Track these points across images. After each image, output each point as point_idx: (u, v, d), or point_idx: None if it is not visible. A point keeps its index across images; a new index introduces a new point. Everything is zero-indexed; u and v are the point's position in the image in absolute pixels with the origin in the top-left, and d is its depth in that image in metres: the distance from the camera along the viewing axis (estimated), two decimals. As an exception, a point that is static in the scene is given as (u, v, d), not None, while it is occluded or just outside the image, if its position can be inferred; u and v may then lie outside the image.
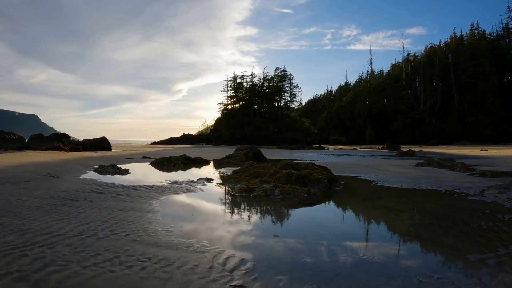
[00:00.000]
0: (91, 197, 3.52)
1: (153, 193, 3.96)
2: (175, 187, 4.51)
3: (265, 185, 4.23)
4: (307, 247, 2.11)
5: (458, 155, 17.53)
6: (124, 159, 9.43)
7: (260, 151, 11.02)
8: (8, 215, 2.59)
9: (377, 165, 8.68)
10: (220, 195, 4.06)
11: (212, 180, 5.23)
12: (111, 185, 4.43)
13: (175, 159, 8.23)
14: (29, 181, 4.44)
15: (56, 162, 7.35)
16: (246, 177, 4.97)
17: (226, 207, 3.41)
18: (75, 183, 4.50)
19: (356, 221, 3.01)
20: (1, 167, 5.97)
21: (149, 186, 4.50)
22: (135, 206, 3.21)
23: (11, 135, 11.04)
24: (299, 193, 3.90)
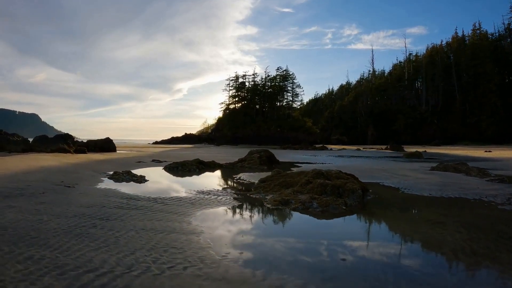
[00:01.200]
0: (121, 215, 3.16)
1: (184, 208, 3.60)
2: (204, 199, 4.16)
3: (300, 196, 4.02)
4: (385, 276, 1.87)
5: (464, 156, 17.35)
6: (134, 162, 9.05)
7: (273, 154, 10.69)
8: (36, 244, 2.22)
9: (393, 170, 8.39)
10: (256, 208, 3.78)
11: (238, 189, 4.94)
12: (135, 197, 4.06)
13: (189, 164, 7.88)
14: (44, 193, 4.06)
15: (66, 168, 6.96)
16: (275, 187, 4.73)
17: (269, 224, 3.16)
18: (95, 195, 4.12)
19: (411, 238, 2.76)
20: (10, 174, 5.58)
21: (176, 198, 4.15)
22: (174, 226, 2.86)
23: (14, 137, 10.60)
24: (337, 205, 3.72)
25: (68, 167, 7.13)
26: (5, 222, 2.70)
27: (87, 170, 6.78)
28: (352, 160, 13.63)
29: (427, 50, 56.31)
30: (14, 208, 3.18)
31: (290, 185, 4.70)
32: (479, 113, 45.45)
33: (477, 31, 52.33)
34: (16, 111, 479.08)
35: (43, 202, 3.51)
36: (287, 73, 49.54)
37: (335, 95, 69.19)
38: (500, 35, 51.67)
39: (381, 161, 13.40)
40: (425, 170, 8.30)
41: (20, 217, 2.88)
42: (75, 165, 7.51)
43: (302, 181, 4.58)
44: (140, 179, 5.70)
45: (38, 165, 7.20)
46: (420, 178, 6.44)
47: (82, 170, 6.68)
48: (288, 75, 49.26)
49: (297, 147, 31.37)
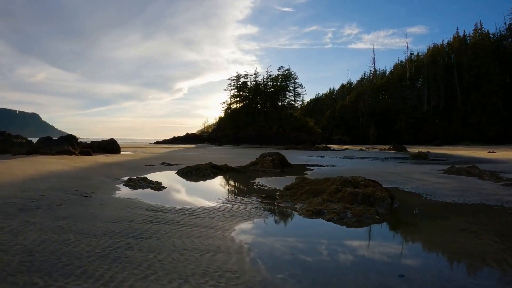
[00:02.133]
0: (154, 232, 2.87)
1: (219, 220, 3.35)
2: (234, 209, 3.92)
3: (331, 205, 3.90)
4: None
5: (469, 157, 17.25)
6: (144, 166, 8.74)
7: (284, 157, 10.41)
8: (72, 274, 1.92)
9: (406, 173, 8.22)
10: (291, 220, 3.60)
11: (262, 196, 4.75)
12: (160, 209, 3.78)
13: (203, 168, 7.59)
14: (61, 204, 3.76)
15: (76, 173, 6.65)
16: (303, 195, 4.57)
17: (310, 236, 3.00)
18: (117, 207, 3.83)
19: (453, 249, 2.70)
20: (19, 181, 5.27)
21: (204, 209, 3.87)
22: (217, 244, 2.61)
23: (18, 138, 10.26)
24: (370, 214, 3.64)
25: (78, 172, 6.82)
26: (29, 244, 2.40)
27: (99, 175, 6.48)
28: (361, 162, 13.39)
29: (428, 49, 56.28)
30: (34, 225, 2.88)
31: (317, 193, 4.55)
32: (480, 113, 45.43)
33: (478, 31, 52.30)
34: (16, 111, 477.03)
35: (64, 217, 3.22)
36: (289, 72, 49.33)
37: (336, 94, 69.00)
38: (502, 35, 51.68)
39: (390, 163, 13.19)
40: (438, 173, 8.17)
41: (44, 237, 2.59)
42: (85, 170, 7.20)
43: (331, 189, 4.44)
44: (157, 186, 5.41)
45: (46, 169, 6.89)
46: (437, 182, 6.34)
47: (94, 175, 6.37)
48: (290, 75, 49.02)
49: (300, 147, 31.16)
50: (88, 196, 4.28)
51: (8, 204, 3.62)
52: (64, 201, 3.96)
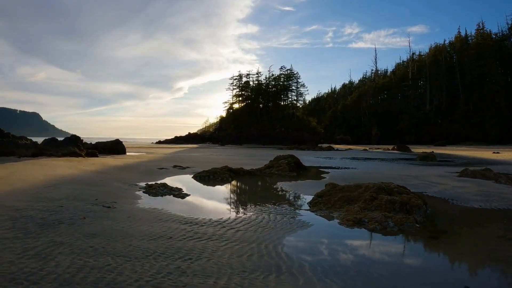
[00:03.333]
0: (200, 250, 2.52)
1: (262, 234, 3.11)
2: (272, 220, 3.65)
3: (369, 213, 3.76)
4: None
5: (476, 158, 17.08)
6: (156, 169, 8.37)
7: (299, 160, 10.10)
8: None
9: (422, 176, 8.02)
10: (335, 230, 3.39)
11: (292, 203, 4.59)
12: (195, 222, 3.42)
13: (221, 173, 7.25)
14: (85, 218, 3.40)
15: (89, 177, 6.27)
16: (337, 202, 4.40)
17: (363, 248, 2.88)
18: (147, 219, 3.46)
19: (506, 258, 2.63)
20: (31, 188, 4.89)
21: (241, 220, 3.59)
22: (275, 263, 2.36)
23: (23, 140, 9.85)
24: (410, 223, 3.53)
25: (91, 176, 6.44)
26: (63, 273, 2.03)
27: (113, 181, 6.11)
28: (372, 164, 13.07)
29: (430, 49, 56.08)
30: (63, 247, 2.52)
31: (351, 200, 4.35)
32: (483, 114, 45.35)
33: (480, 31, 52.15)
34: (17, 110, 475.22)
35: (94, 234, 2.86)
36: (291, 72, 48.89)
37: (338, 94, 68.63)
38: (504, 35, 51.58)
39: (400, 164, 12.90)
40: (453, 176, 8.03)
41: (79, 262, 2.22)
42: (97, 174, 6.82)
43: (365, 197, 4.23)
44: (180, 194, 5.06)
45: (57, 174, 6.51)
46: (457, 186, 6.20)
47: (108, 181, 6.00)
48: (292, 74, 48.58)
49: (303, 147, 30.88)
50: (111, 207, 3.92)
51: (26, 218, 3.25)
52: (87, 213, 3.60)
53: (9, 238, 2.63)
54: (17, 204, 3.81)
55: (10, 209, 3.56)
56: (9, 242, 2.54)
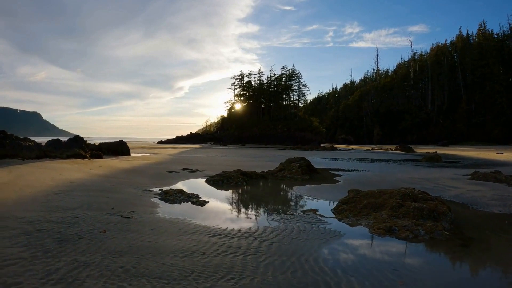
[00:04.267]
0: (241, 267, 2.29)
1: (297, 246, 2.88)
2: (301, 229, 3.47)
3: (399, 221, 3.70)
4: None
5: (481, 159, 16.92)
6: (166, 172, 8.08)
7: (310, 162, 9.84)
8: None
9: (434, 179, 7.90)
10: (368, 240, 3.26)
11: (315, 210, 4.39)
12: (224, 233, 3.18)
13: (235, 177, 6.98)
14: (105, 231, 3.13)
15: (98, 182, 5.98)
16: (363, 209, 4.25)
17: (401, 257, 2.83)
18: (173, 232, 3.19)
19: None
20: (40, 195, 4.60)
21: (270, 230, 3.38)
22: (323, 279, 2.18)
23: (26, 141, 9.55)
24: (439, 230, 3.47)
25: (100, 181, 6.15)
26: (96, 305, 1.77)
27: (125, 186, 5.83)
28: (380, 166, 12.80)
29: (431, 49, 55.86)
30: (90, 268, 2.24)
31: (377, 207, 4.23)
32: (485, 113, 45.22)
33: (482, 30, 51.98)
34: (17, 110, 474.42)
35: (120, 252, 2.59)
36: (293, 72, 48.54)
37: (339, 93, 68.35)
38: (505, 35, 51.41)
39: (408, 166, 12.66)
40: (465, 179, 7.94)
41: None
42: (106, 179, 6.54)
43: (391, 204, 4.10)
44: (198, 200, 4.79)
45: (65, 178, 6.22)
46: (472, 190, 6.12)
47: (120, 186, 5.72)
48: (294, 74, 48.27)
49: (306, 148, 30.66)
50: (130, 217, 3.65)
51: (41, 232, 2.97)
52: (106, 225, 3.32)
53: (27, 259, 2.35)
54: (29, 214, 3.53)
55: (22, 221, 3.28)
56: (28, 264, 2.27)
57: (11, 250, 2.49)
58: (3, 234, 2.84)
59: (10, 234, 2.85)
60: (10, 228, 3.02)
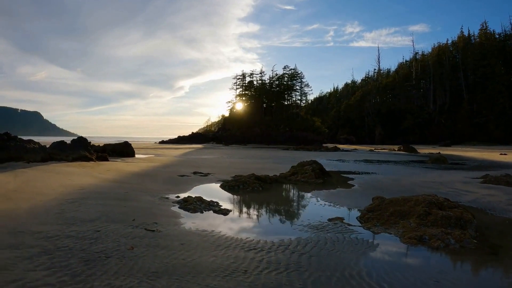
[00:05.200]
0: None
1: (336, 259, 2.60)
2: (334, 240, 3.28)
3: (428, 230, 3.66)
4: None
5: (487, 161, 16.76)
6: (177, 176, 7.82)
7: (322, 166, 9.61)
8: None
9: (446, 183, 7.77)
10: (402, 250, 3.18)
11: (344, 219, 4.26)
12: (258, 247, 2.95)
13: (250, 182, 6.74)
14: (133, 248, 2.88)
15: (110, 189, 5.71)
16: (390, 218, 4.18)
17: (445, 272, 2.69)
18: (205, 247, 2.93)
19: None
20: (53, 205, 4.32)
21: (303, 242, 3.16)
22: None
23: (31, 144, 9.25)
24: (468, 238, 3.45)
25: (112, 187, 5.89)
26: None
27: (139, 192, 5.56)
28: (388, 168, 12.55)
29: (433, 49, 55.74)
30: (127, 297, 2.00)
31: (403, 215, 4.18)
32: (486, 114, 45.15)
33: (484, 30, 51.87)
34: (18, 109, 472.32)
35: (156, 272, 2.33)
36: (295, 72, 48.26)
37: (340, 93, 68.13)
38: (507, 35, 51.35)
39: (417, 168, 12.44)
40: (477, 182, 7.86)
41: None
42: (118, 184, 6.27)
43: (418, 212, 4.07)
44: (220, 209, 4.55)
45: (75, 184, 5.95)
46: (487, 195, 6.01)
47: (134, 193, 5.46)
48: (296, 74, 47.99)
49: (310, 148, 30.45)
50: (155, 230, 3.39)
51: (63, 251, 2.71)
52: (131, 239, 3.07)
53: (55, 285, 2.10)
54: (45, 228, 3.27)
55: (39, 236, 3.03)
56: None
57: (35, 274, 2.23)
58: (23, 254, 2.59)
59: (29, 254, 2.60)
60: (28, 246, 2.77)
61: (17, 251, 2.64)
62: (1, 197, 4.69)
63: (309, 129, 41.28)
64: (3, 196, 4.72)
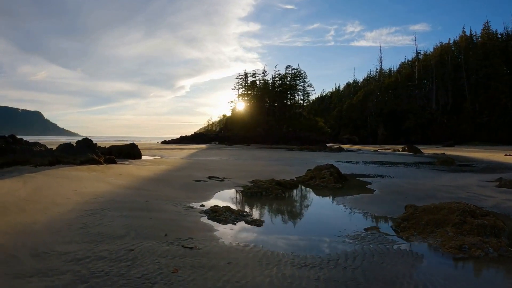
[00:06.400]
0: None
1: (394, 272, 2.29)
2: (379, 252, 3.00)
3: (466, 238, 3.64)
4: None
5: (493, 162, 16.61)
6: (192, 181, 7.45)
7: (339, 170, 9.31)
8: None
9: (463, 186, 7.70)
10: (446, 261, 3.12)
11: (379, 229, 4.14)
12: (308, 263, 2.65)
13: (273, 188, 6.41)
14: (177, 270, 2.53)
15: (128, 197, 5.35)
16: (426, 227, 4.11)
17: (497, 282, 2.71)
18: (254, 265, 2.59)
19: None
20: (72, 217, 3.95)
21: (356, 256, 2.79)
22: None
23: (37, 146, 8.87)
24: (504, 247, 3.45)
25: (130, 195, 5.53)
26: None
27: (160, 200, 5.21)
28: (400, 170, 12.24)
29: (435, 48, 55.57)
30: None
31: (438, 223, 4.18)
32: (489, 114, 45.05)
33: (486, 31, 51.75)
34: (19, 109, 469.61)
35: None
36: (298, 71, 47.88)
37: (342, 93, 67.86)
38: (509, 35, 51.25)
39: (429, 171, 12.12)
40: (493, 186, 7.77)
41: None
42: (135, 191, 5.91)
43: (454, 220, 4.09)
44: (253, 220, 4.22)
45: (89, 191, 5.59)
46: (506, 200, 5.97)
47: (155, 201, 5.11)
48: (299, 74, 47.61)
49: (314, 148, 30.17)
50: (193, 248, 3.05)
51: (100, 277, 2.36)
52: (171, 260, 2.73)
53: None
54: (72, 248, 2.92)
55: (67, 259, 2.68)
56: None
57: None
58: (55, 283, 2.24)
59: (63, 282, 2.25)
60: (59, 272, 2.42)
61: (47, 279, 2.29)
62: (14, 207, 4.34)
63: (312, 129, 40.99)
64: (15, 206, 4.37)
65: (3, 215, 3.91)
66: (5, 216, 3.86)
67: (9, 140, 8.58)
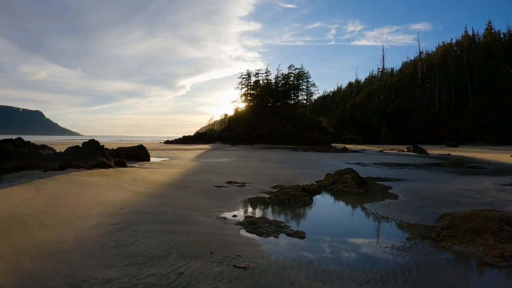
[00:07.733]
0: None
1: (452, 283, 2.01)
2: (429, 262, 2.94)
3: (505, 247, 3.65)
4: None
5: (501, 163, 16.47)
6: (213, 188, 7.06)
7: (359, 174, 9.01)
8: None
9: (481, 191, 7.65)
10: (495, 270, 3.15)
11: (420, 237, 4.09)
12: (370, 280, 2.43)
13: (301, 196, 6.11)
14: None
15: (154, 206, 4.97)
16: (466, 235, 4.11)
17: None
18: (318, 287, 2.32)
19: None
20: (101, 233, 3.58)
21: (407, 269, 2.70)
22: None
23: (45, 150, 8.48)
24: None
25: (155, 205, 5.16)
26: None
27: (188, 210, 4.85)
28: (414, 173, 11.95)
29: (437, 48, 55.35)
30: None
31: (476, 232, 4.21)
32: (492, 114, 44.90)
33: (489, 30, 51.60)
34: (19, 108, 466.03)
35: None
36: (301, 71, 47.54)
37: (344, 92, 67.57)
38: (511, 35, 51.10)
39: (442, 174, 11.83)
40: (510, 190, 7.63)
41: None
42: (159, 200, 5.54)
43: (492, 228, 4.17)
44: (294, 232, 3.90)
45: (109, 200, 5.23)
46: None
47: (183, 211, 4.75)
48: (302, 74, 47.26)
49: (319, 149, 29.86)
50: (247, 268, 2.72)
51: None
52: (228, 283, 2.41)
53: None
54: (112, 274, 2.57)
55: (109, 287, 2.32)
56: None
57: None
58: (107, 326, 1.89)
59: (116, 324, 1.91)
60: (108, 308, 2.07)
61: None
62: (33, 221, 3.97)
63: (316, 129, 40.69)
64: (34, 221, 4.00)
65: (24, 232, 3.54)
66: (25, 234, 3.49)
67: (16, 143, 8.19)
